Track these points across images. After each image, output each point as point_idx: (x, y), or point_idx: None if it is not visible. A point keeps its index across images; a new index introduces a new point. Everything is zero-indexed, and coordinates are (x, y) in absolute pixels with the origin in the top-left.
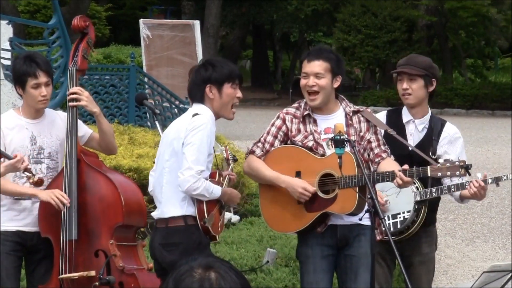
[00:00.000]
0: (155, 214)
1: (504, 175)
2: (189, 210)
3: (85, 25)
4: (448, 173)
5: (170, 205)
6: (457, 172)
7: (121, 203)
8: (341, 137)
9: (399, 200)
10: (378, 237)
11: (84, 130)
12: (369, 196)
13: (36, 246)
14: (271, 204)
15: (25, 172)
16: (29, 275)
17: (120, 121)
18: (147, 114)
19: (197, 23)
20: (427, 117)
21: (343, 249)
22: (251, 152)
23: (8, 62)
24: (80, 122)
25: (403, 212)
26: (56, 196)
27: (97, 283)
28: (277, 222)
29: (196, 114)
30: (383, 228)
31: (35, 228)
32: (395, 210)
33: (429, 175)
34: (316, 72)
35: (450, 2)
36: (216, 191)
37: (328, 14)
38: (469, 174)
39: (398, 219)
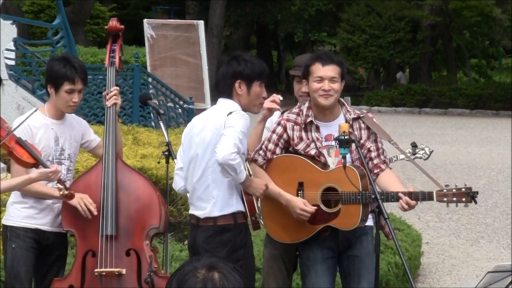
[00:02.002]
0: (201, 214)
1: (394, 156)
2: (238, 206)
3: (121, 28)
4: (454, 198)
5: (219, 204)
6: (463, 199)
7: (159, 207)
8: (346, 137)
9: None
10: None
11: (94, 136)
12: (373, 197)
13: (51, 245)
14: (273, 213)
15: (58, 184)
16: (40, 277)
17: (124, 121)
18: (151, 114)
19: (201, 23)
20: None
21: (345, 250)
22: (253, 160)
23: (12, 62)
24: (90, 128)
25: None
26: (85, 203)
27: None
28: (278, 231)
29: (230, 113)
30: (387, 229)
31: (52, 228)
32: None
33: (434, 200)
34: (331, 76)
35: (454, 2)
36: (244, 172)
37: (332, 14)
38: (475, 202)
39: None
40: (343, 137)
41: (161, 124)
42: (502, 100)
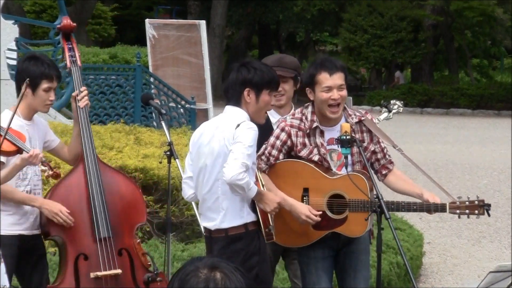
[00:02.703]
0: (212, 225)
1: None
2: (249, 217)
3: (74, 25)
4: (467, 211)
5: (229, 216)
6: (476, 211)
7: (143, 203)
8: (347, 137)
9: None
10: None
11: (54, 136)
12: (375, 197)
13: (31, 247)
14: (276, 218)
15: (42, 166)
16: (27, 279)
17: (126, 121)
18: (153, 114)
19: (203, 23)
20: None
21: (343, 247)
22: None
23: (14, 62)
24: (49, 128)
25: None
26: (60, 216)
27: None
28: (281, 235)
29: (238, 125)
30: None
31: (34, 231)
32: None
33: (447, 212)
34: (339, 84)
35: (456, 2)
36: (253, 189)
37: (334, 14)
38: (489, 215)
39: None
40: (344, 137)
41: (163, 124)
42: (503, 100)
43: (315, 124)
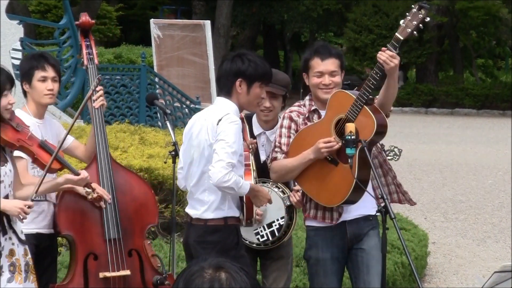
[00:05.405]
0: (194, 214)
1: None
2: (230, 212)
3: (93, 23)
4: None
5: (212, 208)
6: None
7: (155, 204)
8: (352, 137)
9: (270, 208)
10: None
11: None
12: (380, 197)
13: (47, 248)
14: (311, 183)
15: (85, 188)
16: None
17: (131, 121)
18: (158, 114)
19: (207, 23)
20: (278, 125)
21: (353, 245)
22: (273, 159)
23: (19, 62)
24: (63, 128)
25: (277, 220)
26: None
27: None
28: (324, 195)
29: (220, 120)
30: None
31: (49, 230)
32: (269, 219)
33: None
34: (331, 70)
35: (461, 2)
36: (245, 186)
37: (339, 14)
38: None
39: (274, 227)
40: (349, 137)
41: (168, 124)
42: (508, 100)
43: (313, 107)
